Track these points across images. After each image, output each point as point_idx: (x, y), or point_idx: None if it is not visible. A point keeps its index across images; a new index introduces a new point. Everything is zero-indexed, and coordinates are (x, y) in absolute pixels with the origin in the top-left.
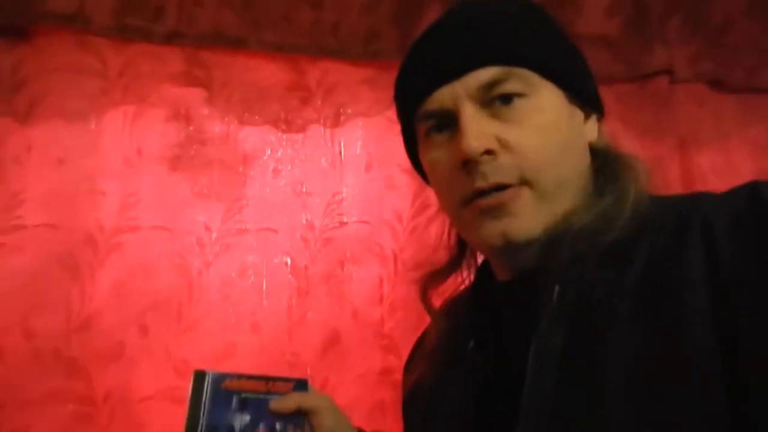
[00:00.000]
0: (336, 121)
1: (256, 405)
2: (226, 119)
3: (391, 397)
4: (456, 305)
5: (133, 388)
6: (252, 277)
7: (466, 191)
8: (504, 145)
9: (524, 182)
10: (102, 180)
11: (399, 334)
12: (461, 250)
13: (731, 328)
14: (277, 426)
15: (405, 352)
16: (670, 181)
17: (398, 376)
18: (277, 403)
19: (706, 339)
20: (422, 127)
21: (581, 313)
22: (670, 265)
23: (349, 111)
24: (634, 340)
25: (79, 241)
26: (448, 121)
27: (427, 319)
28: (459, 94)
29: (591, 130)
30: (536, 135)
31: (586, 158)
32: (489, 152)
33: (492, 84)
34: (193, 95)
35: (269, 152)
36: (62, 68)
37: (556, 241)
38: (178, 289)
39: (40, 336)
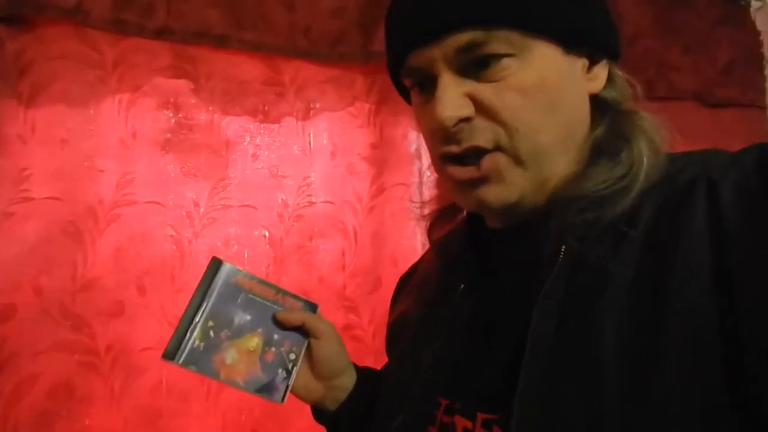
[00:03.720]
0: (306, 115)
1: (260, 309)
2: (210, 108)
3: (353, 348)
4: (450, 242)
5: (132, 341)
6: (235, 247)
7: (443, 153)
8: (480, 107)
9: (499, 147)
10: (101, 159)
11: (358, 297)
12: None
13: (731, 292)
14: (275, 336)
15: (363, 312)
16: None
17: (358, 331)
18: (284, 314)
19: (705, 304)
20: (406, 80)
21: (582, 274)
22: (672, 228)
23: (318, 106)
24: (632, 302)
25: (82, 213)
26: (429, 81)
27: (382, 286)
28: (436, 56)
29: (598, 78)
30: (515, 96)
31: (582, 117)
32: (464, 119)
33: (470, 47)
34: (181, 86)
35: (248, 139)
36: (63, 57)
37: (559, 203)
38: (171, 256)
39: (48, 294)
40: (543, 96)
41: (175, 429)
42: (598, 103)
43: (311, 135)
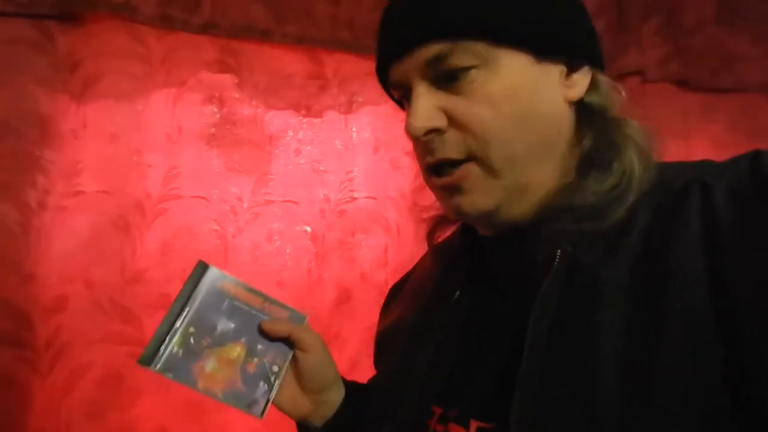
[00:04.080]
0: (349, 108)
1: (245, 317)
2: (254, 103)
3: None
4: (445, 249)
5: None
6: (277, 242)
7: (421, 163)
8: (452, 119)
9: (471, 157)
10: (148, 154)
11: None
12: None
13: (727, 294)
14: (259, 346)
15: None
16: None
17: None
18: (269, 324)
19: (702, 305)
20: (394, 94)
21: (578, 279)
22: (668, 232)
23: (360, 99)
24: (628, 306)
25: (130, 206)
26: (408, 94)
27: None
28: (409, 69)
29: (577, 85)
30: (483, 108)
31: (559, 123)
32: (435, 130)
33: (438, 59)
34: (226, 81)
35: (291, 134)
36: (112, 53)
37: (550, 212)
38: (215, 250)
39: (98, 286)
40: (513, 106)
41: (219, 424)
42: (583, 110)
43: (354, 129)
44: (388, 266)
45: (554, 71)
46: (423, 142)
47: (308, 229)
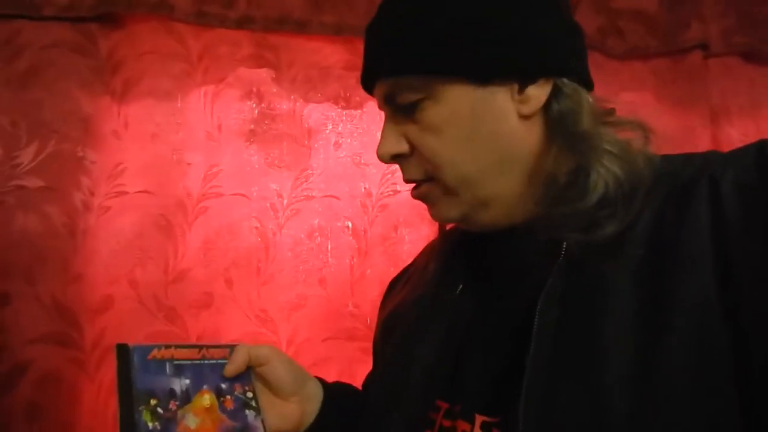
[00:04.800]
0: None
1: (193, 370)
2: (292, 97)
3: None
4: (448, 242)
5: (221, 332)
6: (318, 239)
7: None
8: (411, 146)
9: (430, 178)
10: (188, 152)
11: None
12: None
13: (735, 288)
14: (222, 386)
15: None
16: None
17: None
18: (229, 368)
19: (709, 299)
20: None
21: (583, 272)
22: (675, 224)
23: None
24: (635, 300)
25: (172, 206)
26: None
27: None
28: (378, 101)
29: (533, 98)
30: (431, 136)
31: (513, 139)
32: (400, 155)
33: (390, 96)
34: (263, 75)
35: (331, 127)
36: (151, 52)
37: (541, 220)
38: (256, 248)
39: (142, 286)
40: (456, 131)
41: None
42: (550, 120)
43: None
44: None
45: (501, 91)
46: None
47: (350, 224)
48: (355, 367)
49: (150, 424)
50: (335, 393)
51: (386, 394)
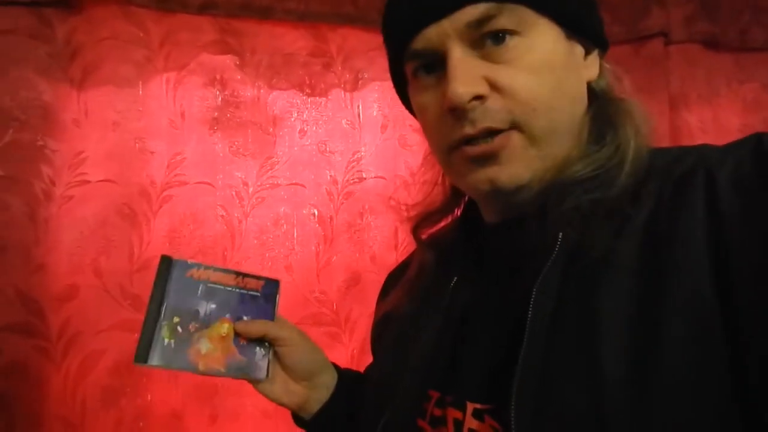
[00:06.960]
0: (354, 85)
1: (223, 295)
2: (256, 84)
3: None
4: (441, 239)
5: None
6: (284, 226)
7: (455, 137)
8: (494, 87)
9: (514, 126)
10: (151, 141)
11: None
12: (455, 195)
13: (730, 283)
14: (244, 317)
15: None
16: (659, 138)
17: None
18: (243, 327)
19: (705, 291)
20: (410, 66)
21: (579, 262)
22: (671, 217)
23: (366, 76)
24: (631, 289)
25: (135, 195)
26: (437, 62)
27: None
28: (447, 32)
29: (592, 67)
30: (528, 76)
31: (582, 101)
32: (478, 97)
33: (482, 21)
34: (227, 62)
35: (296, 114)
36: (111, 37)
37: (553, 189)
38: (222, 236)
39: (107, 275)
40: (553, 76)
41: (230, 407)
42: (589, 92)
43: (360, 107)
44: (398, 248)
45: (577, 50)
46: (458, 110)
47: (316, 212)
48: None
49: (166, 340)
50: (347, 386)
51: (382, 386)
